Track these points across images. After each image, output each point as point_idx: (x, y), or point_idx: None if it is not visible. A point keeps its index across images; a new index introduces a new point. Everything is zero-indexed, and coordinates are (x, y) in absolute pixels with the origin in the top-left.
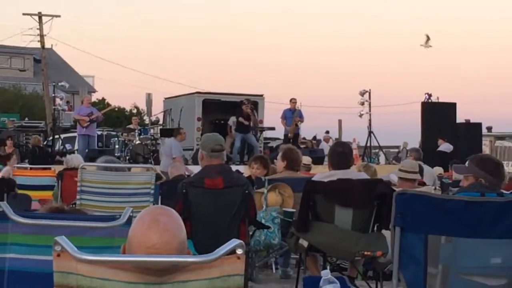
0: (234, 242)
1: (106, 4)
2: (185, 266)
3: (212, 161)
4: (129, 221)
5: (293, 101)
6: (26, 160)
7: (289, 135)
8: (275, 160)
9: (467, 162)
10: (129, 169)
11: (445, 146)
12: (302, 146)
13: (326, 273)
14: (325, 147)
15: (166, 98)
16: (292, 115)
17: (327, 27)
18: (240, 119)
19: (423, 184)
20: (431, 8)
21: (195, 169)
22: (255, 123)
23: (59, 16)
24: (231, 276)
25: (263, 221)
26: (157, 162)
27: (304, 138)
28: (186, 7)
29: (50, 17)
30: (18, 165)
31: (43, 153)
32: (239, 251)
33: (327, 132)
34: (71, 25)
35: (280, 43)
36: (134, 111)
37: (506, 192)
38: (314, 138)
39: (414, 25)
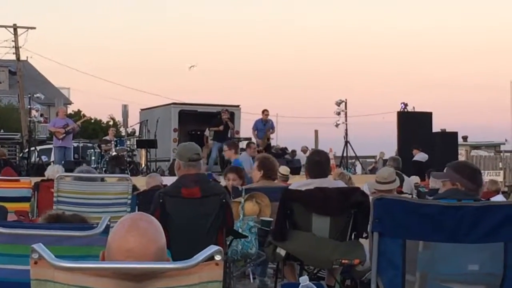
0: (212, 248)
1: (81, 16)
2: (163, 273)
3: (189, 171)
4: (106, 230)
5: (265, 112)
6: None
7: (259, 147)
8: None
9: (445, 169)
10: (103, 179)
11: (420, 156)
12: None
13: (304, 280)
14: (302, 157)
15: (142, 109)
16: (264, 127)
17: (303, 37)
18: (211, 129)
19: (401, 192)
20: (406, 18)
21: (172, 180)
22: (232, 135)
23: (34, 28)
24: (209, 282)
25: (240, 231)
26: (134, 173)
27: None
28: (161, 19)
29: (25, 29)
30: None
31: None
32: (218, 258)
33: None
34: (47, 37)
35: (257, 53)
36: (111, 122)
37: (483, 199)
38: (286, 149)
39: (390, 35)
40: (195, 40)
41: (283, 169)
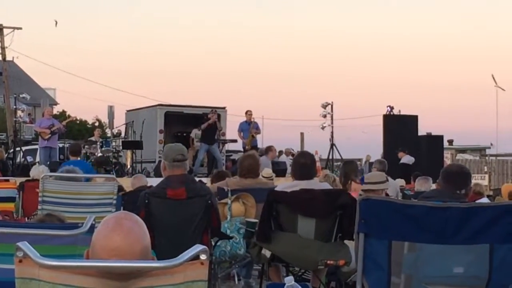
0: (197, 247)
1: (67, 16)
2: (148, 272)
3: (174, 171)
4: (91, 229)
5: (248, 113)
6: None
7: (247, 147)
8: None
9: None
10: (90, 179)
11: (407, 159)
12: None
13: (289, 280)
14: (286, 159)
15: (128, 111)
16: (249, 127)
17: (288, 40)
18: (202, 126)
19: (385, 195)
20: (392, 22)
21: (157, 181)
22: (218, 136)
23: (20, 28)
24: (194, 282)
25: (228, 232)
26: (119, 174)
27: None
28: (147, 20)
29: (11, 29)
30: None
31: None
32: (203, 257)
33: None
34: (33, 38)
35: (243, 56)
36: (96, 123)
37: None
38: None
39: (377, 38)
40: (180, 42)
41: (266, 172)
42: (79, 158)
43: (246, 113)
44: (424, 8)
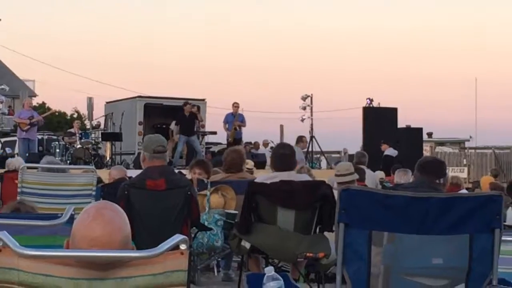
0: (177, 237)
1: (47, 7)
2: (128, 261)
3: (154, 163)
4: (71, 220)
5: (235, 105)
6: None
7: (229, 139)
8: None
9: None
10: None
11: (390, 151)
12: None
13: (269, 270)
14: (265, 151)
15: (107, 102)
16: (234, 120)
17: (268, 32)
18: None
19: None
20: (372, 15)
21: (137, 173)
22: (198, 128)
23: None
24: (174, 271)
25: (206, 224)
26: (98, 166)
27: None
28: (127, 12)
29: None
30: None
31: None
32: (183, 247)
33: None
34: (12, 29)
35: (222, 47)
36: (75, 115)
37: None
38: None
39: (355, 30)
40: (160, 34)
41: (248, 163)
42: None
43: (232, 105)
44: (403, 3)
